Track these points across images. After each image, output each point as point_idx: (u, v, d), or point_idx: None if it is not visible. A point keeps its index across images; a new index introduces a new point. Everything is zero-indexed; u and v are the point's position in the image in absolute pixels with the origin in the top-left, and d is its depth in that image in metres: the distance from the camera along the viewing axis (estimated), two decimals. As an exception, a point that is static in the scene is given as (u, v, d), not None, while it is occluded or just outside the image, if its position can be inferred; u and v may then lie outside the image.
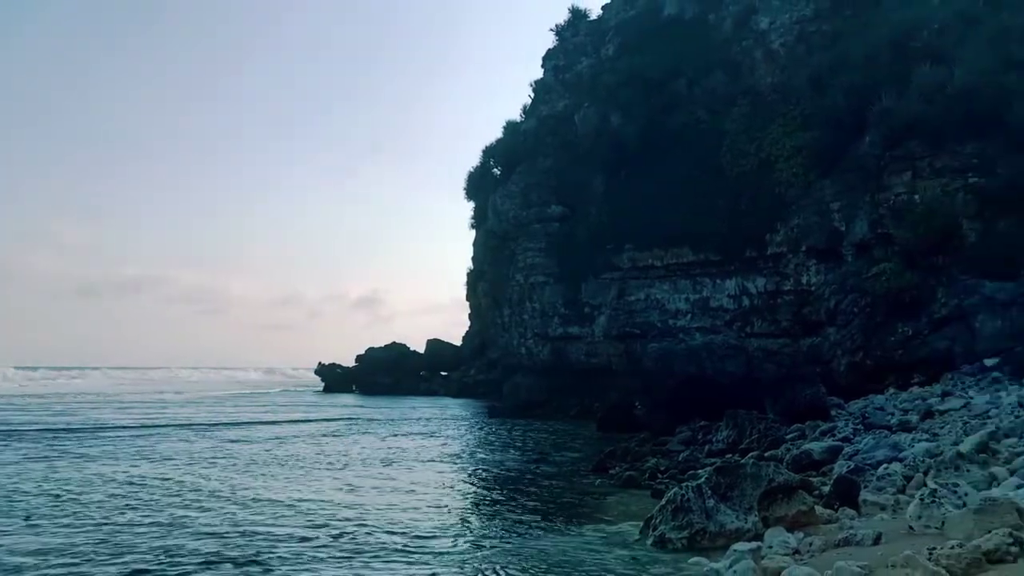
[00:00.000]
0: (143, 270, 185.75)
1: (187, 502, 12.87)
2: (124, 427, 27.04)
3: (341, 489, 14.46)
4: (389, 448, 21.50)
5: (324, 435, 25.10)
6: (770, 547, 8.01)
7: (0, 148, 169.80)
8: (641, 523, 10.17)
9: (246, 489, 14.19)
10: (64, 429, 25.67)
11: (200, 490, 14.03)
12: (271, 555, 9.48)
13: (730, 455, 15.46)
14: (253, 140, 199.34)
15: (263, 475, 16.09)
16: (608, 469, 16.68)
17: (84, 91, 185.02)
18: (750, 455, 14.18)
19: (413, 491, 14.48)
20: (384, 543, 10.20)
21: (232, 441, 22.91)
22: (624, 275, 35.15)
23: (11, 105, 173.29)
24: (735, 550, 7.82)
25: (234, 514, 11.92)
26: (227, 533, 10.61)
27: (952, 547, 5.56)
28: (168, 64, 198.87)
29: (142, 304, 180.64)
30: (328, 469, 17.18)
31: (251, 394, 58.10)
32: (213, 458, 18.64)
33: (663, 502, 9.78)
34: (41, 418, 30.33)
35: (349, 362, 61.18)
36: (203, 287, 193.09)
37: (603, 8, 44.05)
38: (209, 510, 12.22)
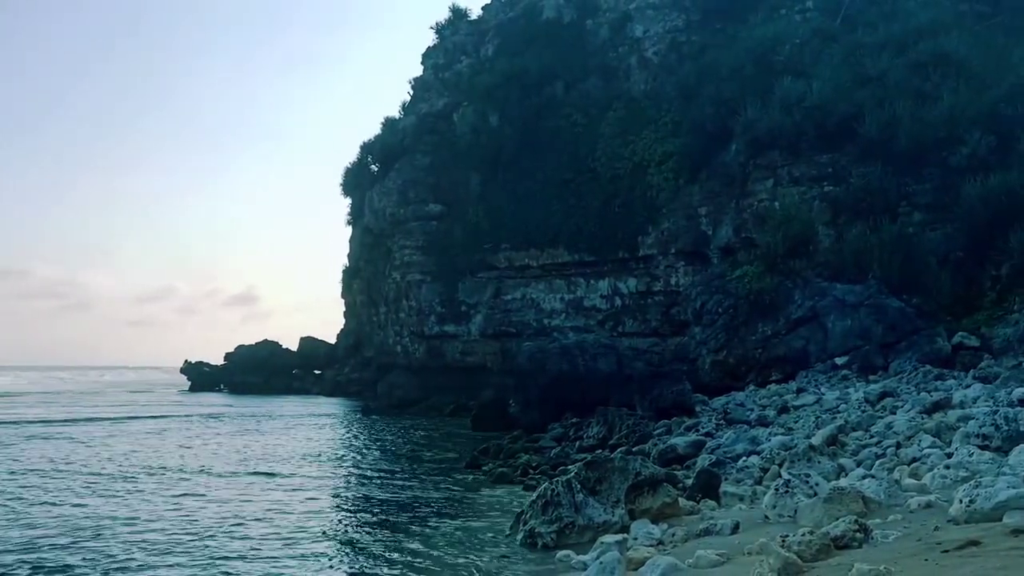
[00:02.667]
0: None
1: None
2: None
3: (188, 494, 13.87)
4: (252, 448, 20.83)
5: (164, 433, 24.13)
6: (635, 539, 8.21)
7: None
8: (512, 519, 10.24)
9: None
10: None
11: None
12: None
13: (600, 451, 15.77)
14: (124, 132, 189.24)
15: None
16: (481, 466, 16.74)
17: None
18: (619, 450, 14.52)
19: (273, 491, 14.08)
20: (250, 547, 9.86)
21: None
22: (500, 274, 35.39)
23: None
24: (602, 542, 7.97)
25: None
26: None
27: (803, 534, 5.82)
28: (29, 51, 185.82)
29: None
30: (174, 472, 16.49)
31: (103, 392, 55.25)
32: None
33: (533, 497, 9.86)
34: None
35: (222, 361, 58.99)
36: (65, 281, 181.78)
37: (483, 8, 44.12)
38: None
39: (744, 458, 12.08)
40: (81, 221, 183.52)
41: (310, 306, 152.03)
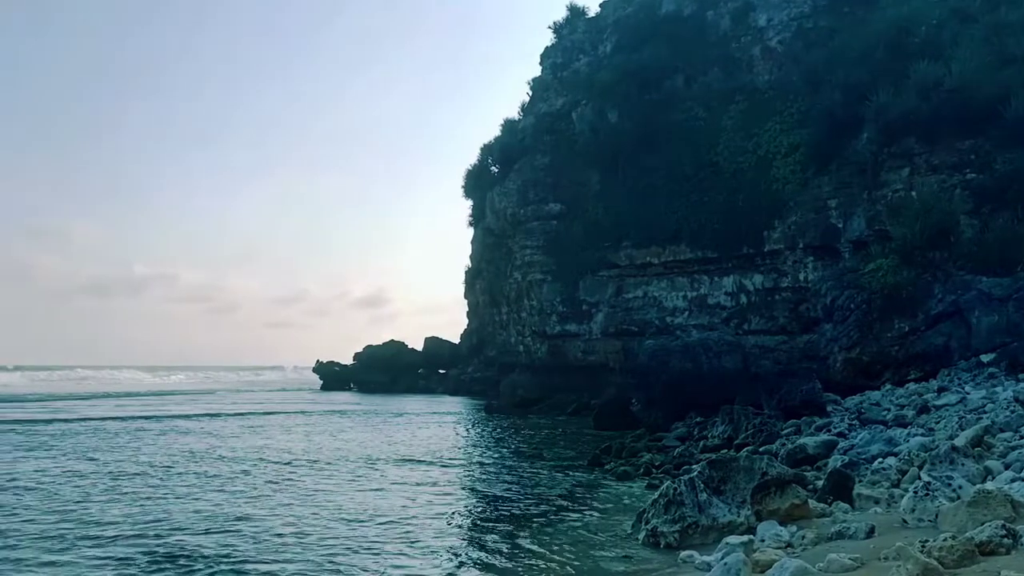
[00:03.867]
0: (151, 269, 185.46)
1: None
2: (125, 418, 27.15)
3: (319, 490, 14.39)
4: (379, 445, 21.42)
5: (294, 429, 25.08)
6: (762, 540, 7.95)
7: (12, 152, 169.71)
8: (634, 517, 10.12)
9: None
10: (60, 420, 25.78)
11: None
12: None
13: (725, 450, 15.40)
14: (258, 142, 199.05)
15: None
16: (603, 464, 16.63)
17: (88, 92, 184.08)
18: (745, 450, 14.13)
19: (396, 485, 14.42)
20: (373, 539, 10.15)
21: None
22: (622, 272, 35.08)
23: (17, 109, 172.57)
24: (727, 543, 7.74)
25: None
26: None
27: (945, 539, 5.49)
28: (168, 63, 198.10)
29: (150, 303, 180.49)
30: (313, 465, 17.12)
31: (245, 391, 58.11)
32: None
33: (656, 496, 9.72)
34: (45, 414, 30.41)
35: (351, 361, 61.18)
36: (209, 285, 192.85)
37: (601, 6, 43.93)
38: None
39: (880, 459, 11.49)
40: (225, 228, 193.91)
41: (436, 307, 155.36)
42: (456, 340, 56.13)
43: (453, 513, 11.97)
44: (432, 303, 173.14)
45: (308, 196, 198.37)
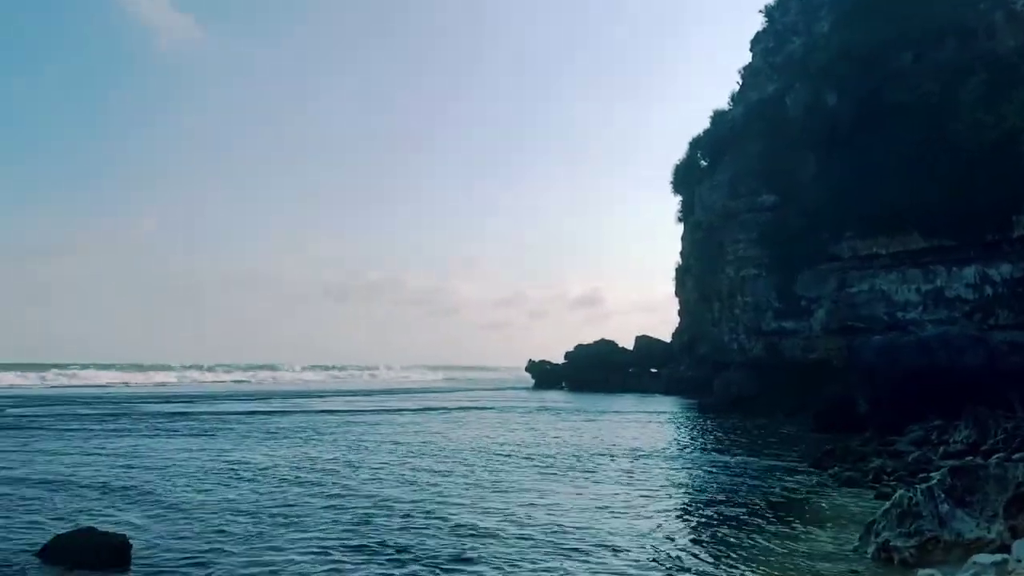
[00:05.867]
0: (383, 274, 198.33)
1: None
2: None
3: (527, 489, 14.40)
4: (590, 441, 21.28)
5: (503, 426, 25.42)
6: (1019, 560, 6.91)
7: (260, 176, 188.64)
8: (862, 528, 9.22)
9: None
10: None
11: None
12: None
13: (970, 457, 13.81)
14: (482, 150, 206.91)
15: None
16: (826, 468, 15.50)
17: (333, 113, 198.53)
18: (995, 457, 12.57)
19: (629, 484, 14.20)
20: (599, 534, 10.00)
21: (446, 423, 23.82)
22: (844, 265, 32.79)
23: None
24: (975, 562, 6.82)
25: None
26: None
27: None
28: (408, 78, 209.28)
29: (381, 306, 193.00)
30: (529, 459, 17.23)
31: (461, 391, 60.35)
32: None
33: (887, 505, 8.78)
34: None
35: (562, 360, 61.95)
36: (434, 288, 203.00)
37: (816, -16, 41.48)
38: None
39: None
40: (448, 234, 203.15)
41: (650, 305, 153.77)
42: (668, 338, 55.27)
43: (664, 515, 11.52)
44: (645, 301, 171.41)
45: (526, 200, 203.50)
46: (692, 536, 10.14)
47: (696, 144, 45.83)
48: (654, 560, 8.86)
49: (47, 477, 14.45)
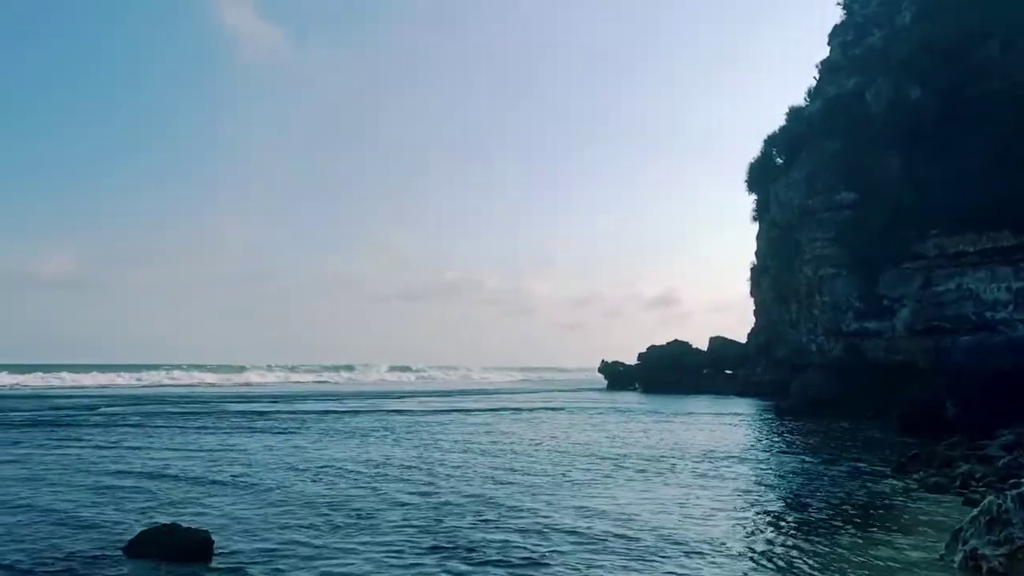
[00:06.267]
0: (460, 275, 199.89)
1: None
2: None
3: (596, 495, 14.32)
4: (663, 443, 21.06)
5: (574, 427, 25.31)
6: (1119, 572, 6.58)
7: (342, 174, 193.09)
8: (948, 536, 8.90)
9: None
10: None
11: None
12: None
13: (1065, 464, 13.20)
14: (555, 149, 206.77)
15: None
16: (911, 473, 15.01)
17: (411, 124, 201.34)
18: (1092, 464, 12.00)
19: (703, 487, 14.04)
20: (672, 537, 9.96)
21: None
22: (930, 263, 31.65)
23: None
24: (1070, 572, 6.52)
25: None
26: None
27: None
28: (475, 77, 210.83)
29: (459, 307, 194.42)
30: (602, 460, 17.15)
31: (535, 392, 60.45)
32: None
33: (975, 512, 8.47)
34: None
35: (635, 361, 61.41)
36: (511, 289, 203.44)
37: (897, -26, 40.20)
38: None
39: None
40: (522, 235, 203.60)
41: (725, 305, 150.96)
42: (743, 339, 54.30)
43: (742, 520, 11.32)
44: (721, 301, 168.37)
45: (600, 199, 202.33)
46: (768, 541, 9.93)
47: (771, 141, 45.00)
48: (728, 566, 8.71)
49: (136, 471, 15.08)
